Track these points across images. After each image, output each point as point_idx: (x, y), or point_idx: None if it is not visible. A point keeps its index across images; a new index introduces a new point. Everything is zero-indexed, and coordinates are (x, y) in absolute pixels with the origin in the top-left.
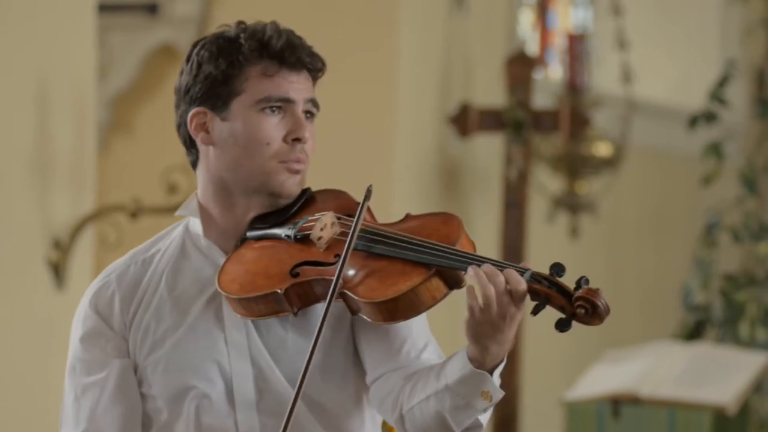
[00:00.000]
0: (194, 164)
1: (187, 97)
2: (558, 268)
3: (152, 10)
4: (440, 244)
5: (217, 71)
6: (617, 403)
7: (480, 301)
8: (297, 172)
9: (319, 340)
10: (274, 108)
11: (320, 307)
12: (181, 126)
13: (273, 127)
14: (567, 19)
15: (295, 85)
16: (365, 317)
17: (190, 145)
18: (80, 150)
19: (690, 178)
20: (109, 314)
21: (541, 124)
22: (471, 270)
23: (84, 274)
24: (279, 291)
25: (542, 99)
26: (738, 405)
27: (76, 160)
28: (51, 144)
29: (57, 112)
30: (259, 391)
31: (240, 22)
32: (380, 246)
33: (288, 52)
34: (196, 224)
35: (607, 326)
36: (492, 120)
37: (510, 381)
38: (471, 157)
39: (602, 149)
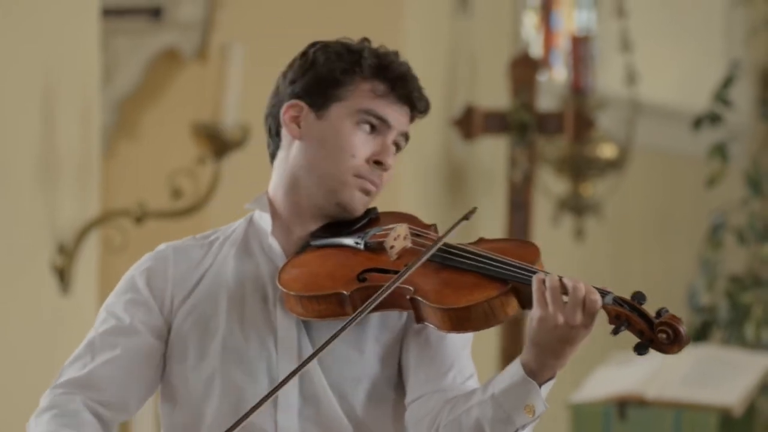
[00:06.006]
0: (273, 155)
1: (290, 87)
2: (640, 296)
3: (156, 14)
4: (518, 261)
5: (330, 74)
6: (623, 405)
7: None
8: (368, 193)
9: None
10: (369, 125)
11: (374, 320)
12: (271, 115)
13: (362, 142)
14: (571, 21)
15: (396, 114)
16: (432, 325)
17: (274, 134)
18: (85, 154)
19: (695, 179)
20: (162, 288)
21: (545, 126)
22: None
23: (89, 278)
24: (345, 292)
25: (547, 101)
26: (744, 406)
27: (81, 164)
28: (56, 148)
29: (62, 116)
30: (303, 397)
31: (365, 39)
32: (456, 259)
33: (401, 82)
34: (263, 219)
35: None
36: (496, 122)
37: None
38: (476, 159)
39: (607, 151)
